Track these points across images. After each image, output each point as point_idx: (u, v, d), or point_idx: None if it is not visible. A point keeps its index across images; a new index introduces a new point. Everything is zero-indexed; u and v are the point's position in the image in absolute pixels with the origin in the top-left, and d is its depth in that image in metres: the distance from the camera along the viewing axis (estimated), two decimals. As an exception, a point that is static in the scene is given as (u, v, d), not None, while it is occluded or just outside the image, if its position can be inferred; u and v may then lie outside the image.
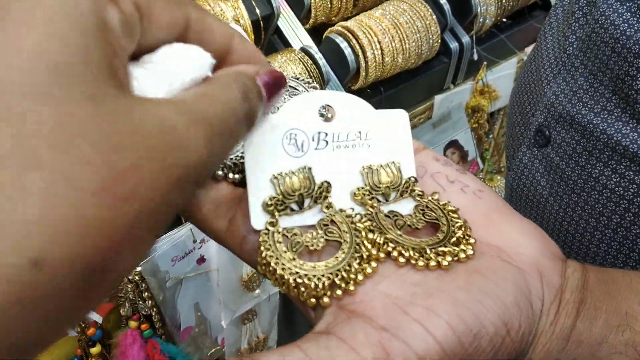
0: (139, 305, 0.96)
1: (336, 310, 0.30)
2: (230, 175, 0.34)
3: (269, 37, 1.04)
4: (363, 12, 1.08)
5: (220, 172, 0.33)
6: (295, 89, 0.39)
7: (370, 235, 0.32)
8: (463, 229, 0.33)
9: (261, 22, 0.99)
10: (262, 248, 0.31)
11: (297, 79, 0.40)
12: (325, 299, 0.30)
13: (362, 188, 0.34)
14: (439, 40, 1.10)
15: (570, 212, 0.60)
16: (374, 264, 0.31)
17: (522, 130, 0.69)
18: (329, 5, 1.07)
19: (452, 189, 0.35)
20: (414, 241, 0.32)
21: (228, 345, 1.12)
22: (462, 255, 0.31)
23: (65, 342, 0.93)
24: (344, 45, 1.01)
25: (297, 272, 0.30)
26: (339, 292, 0.30)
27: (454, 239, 0.32)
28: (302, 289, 0.30)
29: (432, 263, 0.31)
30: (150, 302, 0.97)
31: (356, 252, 0.31)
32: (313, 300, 0.30)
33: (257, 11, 0.98)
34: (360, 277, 0.30)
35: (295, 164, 0.33)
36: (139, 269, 0.94)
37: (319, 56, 0.99)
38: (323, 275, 0.30)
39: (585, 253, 0.59)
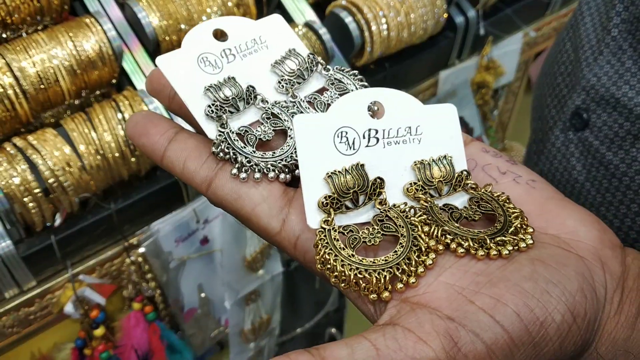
0: (142, 287, 0.94)
1: (399, 303, 0.30)
2: (282, 175, 0.34)
3: (271, 11, 1.01)
4: (367, -15, 1.05)
5: (272, 174, 0.34)
6: (341, 81, 0.38)
7: (427, 228, 0.32)
8: (520, 218, 0.32)
9: (263, -4, 0.97)
10: (319, 246, 0.31)
11: (342, 70, 0.39)
12: (386, 293, 0.30)
13: (415, 183, 0.34)
14: (445, 15, 1.08)
15: (610, 198, 0.58)
16: (433, 255, 0.31)
17: (555, 113, 0.66)
18: (333, -21, 1.05)
19: (504, 180, 0.35)
20: (473, 232, 0.32)
21: (232, 326, 1.11)
22: (523, 244, 0.31)
23: (67, 325, 0.92)
24: (348, 19, 0.99)
25: (358, 268, 0.30)
26: (400, 285, 0.30)
27: (512, 229, 0.32)
28: (363, 284, 0.30)
29: (493, 252, 0.31)
30: (153, 283, 0.95)
31: (414, 245, 0.31)
32: (374, 295, 0.30)
33: (259, -15, 0.96)
34: (420, 269, 0.30)
35: (347, 161, 0.33)
36: (141, 249, 0.92)
37: (323, 31, 0.97)
38: (384, 270, 0.30)
39: (624, 239, 0.58)
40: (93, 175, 0.82)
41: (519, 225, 0.32)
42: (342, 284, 0.31)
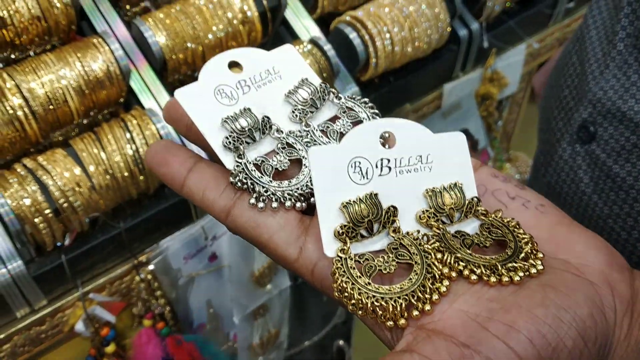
0: (152, 304, 0.95)
1: (415, 330, 0.30)
2: (298, 204, 0.35)
3: (276, 29, 1.02)
4: (371, 0, 1.06)
5: (289, 203, 0.35)
6: (352, 109, 0.40)
7: (440, 255, 0.33)
8: (530, 244, 0.33)
9: (268, 13, 0.97)
10: (337, 275, 0.32)
11: (353, 98, 0.40)
12: (403, 320, 0.31)
13: (427, 210, 0.35)
14: (449, 28, 1.08)
15: (617, 210, 0.59)
16: (446, 282, 0.32)
17: (562, 126, 0.67)
18: (337, -5, 1.06)
19: (513, 205, 0.36)
20: (484, 258, 0.32)
21: (240, 340, 1.11)
22: (533, 270, 0.32)
23: (78, 343, 0.92)
24: (352, 35, 0.99)
25: (374, 296, 0.31)
26: (416, 312, 0.31)
27: (522, 255, 0.32)
28: (380, 312, 0.31)
29: (505, 279, 0.31)
30: (162, 300, 0.96)
31: (428, 272, 0.32)
32: (391, 322, 0.31)
33: (265, 2, 0.97)
34: (435, 296, 0.31)
35: (361, 190, 0.34)
36: (151, 267, 0.93)
37: (327, 47, 0.97)
38: (399, 297, 0.31)
39: (631, 252, 0.58)
40: (102, 194, 0.83)
41: (529, 251, 0.33)
42: (360, 312, 0.31)
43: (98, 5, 0.94)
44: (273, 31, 1.01)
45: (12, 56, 0.91)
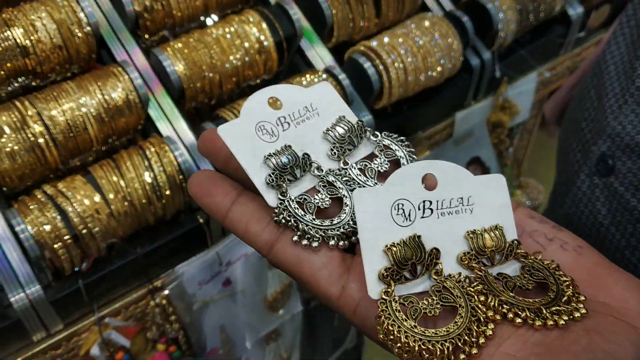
0: (166, 329, 0.96)
1: None
2: (340, 243, 0.36)
3: (291, 58, 1.04)
4: (384, 30, 1.08)
5: (332, 242, 0.36)
6: (389, 147, 0.40)
7: (483, 298, 0.33)
8: (572, 287, 0.33)
9: (284, 43, 0.99)
10: (382, 318, 0.32)
11: (390, 136, 0.41)
12: None
13: (469, 252, 0.35)
14: (461, 58, 1.10)
15: (635, 242, 0.59)
16: (492, 325, 0.32)
17: (580, 158, 0.68)
18: (351, 25, 1.07)
19: (552, 246, 0.36)
20: (528, 301, 0.33)
21: (252, 365, 1.12)
22: (577, 314, 0.32)
23: (92, 367, 0.93)
24: (367, 65, 1.01)
25: (421, 339, 0.31)
26: (463, 356, 0.31)
27: (565, 298, 0.33)
28: (427, 355, 0.31)
29: (550, 322, 0.31)
30: (177, 325, 0.96)
31: (473, 315, 0.32)
32: None
33: (280, 32, 0.98)
34: (482, 339, 0.31)
35: (404, 232, 0.35)
36: (166, 292, 0.94)
37: (342, 77, 0.99)
38: (446, 341, 0.31)
39: None
40: (120, 221, 0.84)
41: (571, 294, 0.33)
42: (406, 355, 0.32)
43: (117, 34, 0.96)
44: (288, 60, 1.03)
45: (33, 83, 0.93)
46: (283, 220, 0.36)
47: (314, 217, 0.37)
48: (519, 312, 0.32)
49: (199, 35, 0.95)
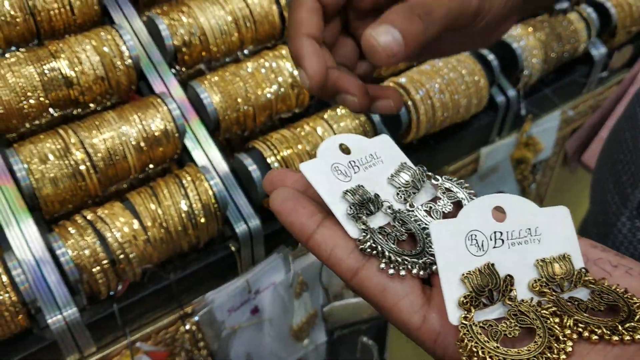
0: (195, 355, 0.97)
1: None
2: (422, 272, 0.38)
3: (322, 92, 1.07)
4: (412, 66, 1.11)
5: (415, 270, 0.38)
6: (450, 190, 0.43)
7: (557, 319, 0.35)
8: None
9: (316, 78, 1.02)
10: (465, 340, 0.34)
11: (450, 179, 0.43)
12: None
13: (539, 280, 0.37)
14: (487, 95, 1.13)
15: None
16: (570, 343, 0.33)
17: (618, 200, 0.69)
18: (380, 61, 1.10)
19: (617, 273, 0.37)
20: (602, 320, 0.34)
21: (275, 394, 1.13)
22: None
23: (122, 391, 0.94)
24: (396, 100, 1.03)
25: (505, 358, 0.33)
26: None
27: (637, 317, 0.34)
28: None
29: (627, 337, 0.33)
30: (205, 351, 0.98)
31: (550, 335, 0.34)
32: None
33: (313, 67, 1.01)
34: (563, 356, 0.33)
35: (478, 262, 0.37)
36: (196, 318, 0.95)
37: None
38: (529, 359, 0.33)
39: None
40: (156, 247, 0.86)
41: None
42: None
43: (156, 67, 1.00)
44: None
45: (74, 112, 0.97)
46: (369, 249, 0.38)
47: (396, 247, 0.39)
48: (595, 330, 0.33)
49: (234, 69, 0.99)
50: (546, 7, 1.13)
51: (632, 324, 0.34)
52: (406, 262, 0.38)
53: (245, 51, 1.08)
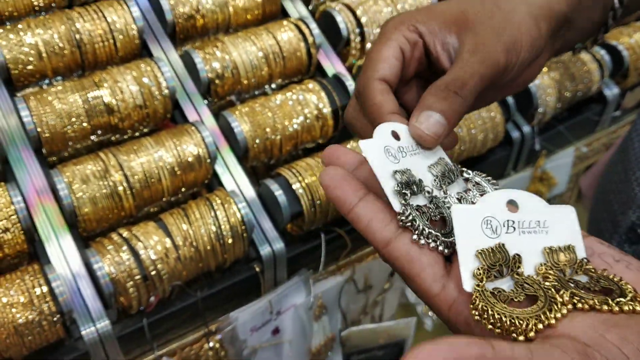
0: (217, 372, 1.01)
1: (542, 340, 0.36)
2: (446, 250, 0.43)
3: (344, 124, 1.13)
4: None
5: (441, 247, 0.43)
6: (479, 183, 0.49)
7: (557, 293, 0.40)
8: (634, 291, 0.39)
9: (340, 111, 1.08)
10: (477, 301, 0.39)
11: (480, 175, 0.50)
12: (532, 333, 0.37)
13: (545, 264, 0.42)
14: (503, 130, 1.18)
15: None
16: (564, 310, 0.38)
17: (610, 227, 0.74)
18: (401, 96, 1.16)
19: (618, 266, 0.42)
20: (596, 296, 0.39)
21: (292, 415, 1.16)
22: (638, 307, 0.38)
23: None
24: (415, 133, 1.09)
25: (511, 315, 0.38)
26: (540, 325, 0.37)
27: (628, 297, 0.39)
28: (512, 328, 0.38)
29: (616, 309, 0.37)
30: (227, 369, 1.02)
31: (551, 300, 0.39)
32: (522, 337, 0.37)
33: (337, 101, 1.08)
34: (558, 314, 0.38)
35: (491, 243, 0.42)
36: (219, 336, 1.00)
37: (392, 143, 1.07)
38: (531, 317, 0.38)
39: None
40: (186, 265, 0.91)
41: (634, 295, 0.39)
42: (498, 330, 0.38)
43: (190, 97, 1.07)
44: (342, 126, 1.12)
45: (112, 138, 1.03)
46: (408, 223, 0.43)
47: (429, 224, 0.44)
48: (588, 301, 0.38)
49: (264, 100, 1.05)
50: (571, 46, 1.19)
51: (622, 299, 0.38)
52: (436, 238, 0.43)
53: (274, 85, 1.14)
